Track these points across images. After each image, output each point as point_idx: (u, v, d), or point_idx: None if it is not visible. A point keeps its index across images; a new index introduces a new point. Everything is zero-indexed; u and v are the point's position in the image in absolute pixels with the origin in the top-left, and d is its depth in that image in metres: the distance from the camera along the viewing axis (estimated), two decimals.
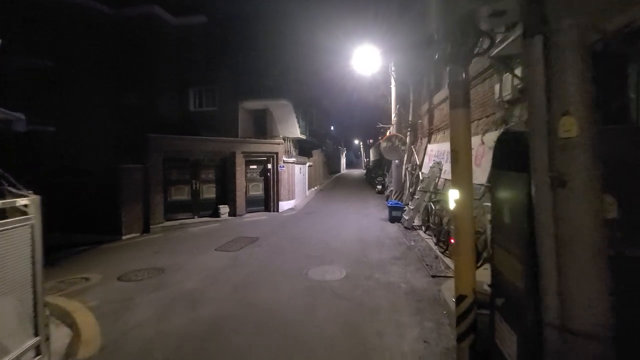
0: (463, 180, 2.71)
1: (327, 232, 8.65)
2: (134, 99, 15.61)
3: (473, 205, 2.82)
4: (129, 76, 15.24)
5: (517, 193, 1.93)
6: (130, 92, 15.56)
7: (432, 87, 10.82)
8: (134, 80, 15.42)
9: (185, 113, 15.80)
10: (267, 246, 7.32)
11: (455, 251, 2.74)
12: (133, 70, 15.30)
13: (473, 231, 2.74)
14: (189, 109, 15.90)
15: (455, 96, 2.75)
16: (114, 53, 14.55)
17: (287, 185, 12.97)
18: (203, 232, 9.45)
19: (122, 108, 15.40)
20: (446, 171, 8.07)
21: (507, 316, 2.01)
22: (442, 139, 9.49)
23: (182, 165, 10.98)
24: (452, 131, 2.78)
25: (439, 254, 6.22)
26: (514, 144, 2.20)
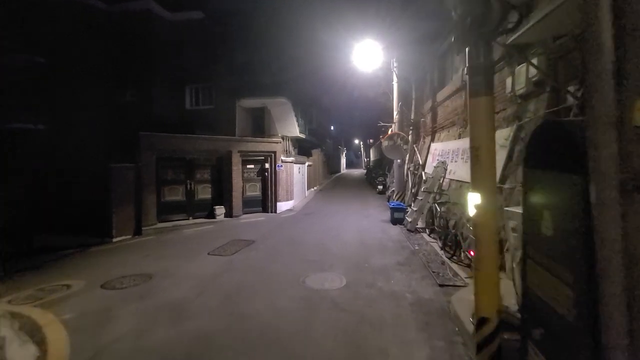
0: (485, 182, 2.32)
1: (327, 234, 8.26)
2: (128, 97, 15.24)
3: (497, 211, 2.41)
4: (123, 73, 14.85)
5: (566, 199, 1.54)
6: (124, 89, 15.18)
7: (436, 84, 10.43)
8: (128, 78, 15.04)
9: (182, 111, 15.43)
10: (263, 250, 6.93)
11: (476, 265, 2.35)
12: (128, 67, 14.91)
13: (497, 243, 2.35)
14: (185, 108, 15.54)
15: (476, 83, 2.35)
16: (108, 50, 14.17)
17: (286, 185, 12.59)
18: (197, 234, 9.07)
19: (116, 106, 15.02)
20: (452, 171, 7.68)
21: (548, 353, 1.62)
22: (446, 138, 9.11)
23: (176, 164, 10.59)
24: (473, 124, 2.39)
25: (445, 259, 5.83)
26: (558, 138, 1.79)
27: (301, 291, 4.59)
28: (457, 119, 8.08)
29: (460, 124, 7.76)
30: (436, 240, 7.00)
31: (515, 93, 5.10)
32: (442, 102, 9.55)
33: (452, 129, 8.64)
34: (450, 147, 8.34)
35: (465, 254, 5.32)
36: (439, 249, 6.54)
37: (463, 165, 6.93)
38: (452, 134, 8.57)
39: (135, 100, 15.20)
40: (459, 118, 8.00)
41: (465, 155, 6.91)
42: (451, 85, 8.75)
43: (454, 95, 8.44)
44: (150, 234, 9.45)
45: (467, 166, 6.66)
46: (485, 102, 2.34)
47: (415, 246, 6.87)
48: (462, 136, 7.68)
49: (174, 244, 8.06)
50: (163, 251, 7.36)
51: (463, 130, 7.66)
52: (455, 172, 7.37)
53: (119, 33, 13.91)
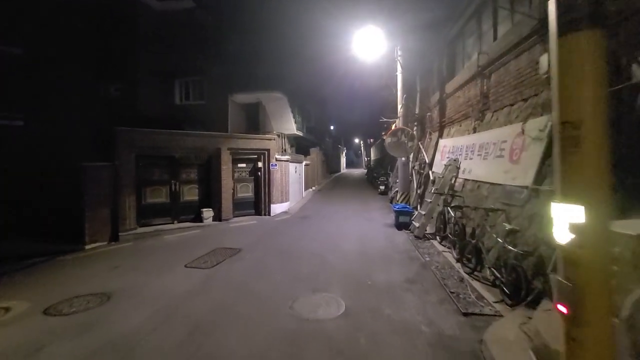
0: (590, 185, 1.34)
1: (324, 242, 7.31)
2: (113, 92, 14.31)
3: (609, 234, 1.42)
4: (107, 66, 13.93)
5: None
6: (109, 83, 14.24)
7: (444, 75, 9.48)
8: (112, 70, 14.11)
9: (171, 107, 14.51)
10: (249, 261, 5.98)
11: (574, 321, 1.38)
12: (112, 60, 13.99)
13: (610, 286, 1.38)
14: (174, 103, 14.62)
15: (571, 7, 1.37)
16: (91, 41, 13.23)
17: (280, 186, 11.64)
18: (180, 240, 8.12)
19: (100, 101, 14.08)
20: (465, 170, 6.73)
21: None
22: (457, 133, 8.15)
23: (159, 163, 9.64)
24: (561, 84, 1.41)
25: (464, 275, 4.88)
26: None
27: (288, 322, 3.63)
28: (472, 111, 7.12)
29: (475, 116, 6.81)
30: (450, 250, 6.04)
31: None
32: (453, 93, 8.59)
33: (465, 123, 7.68)
34: (462, 142, 7.39)
35: (491, 271, 4.36)
36: (453, 261, 5.59)
37: (481, 163, 5.98)
38: (465, 128, 7.62)
39: (121, 95, 14.29)
40: (473, 110, 7.04)
41: (484, 152, 5.96)
42: (463, 73, 7.80)
43: (468, 84, 7.49)
44: (128, 240, 8.50)
45: (485, 164, 5.71)
46: (589, 41, 1.35)
47: (425, 257, 5.91)
48: (478, 130, 6.73)
49: (151, 252, 7.11)
50: (136, 261, 6.41)
51: (479, 123, 6.70)
52: (470, 171, 6.41)
53: (103, 22, 12.97)
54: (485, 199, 5.44)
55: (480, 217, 5.42)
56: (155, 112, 13.51)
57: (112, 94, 14.25)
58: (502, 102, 5.79)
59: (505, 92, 5.67)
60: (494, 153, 5.53)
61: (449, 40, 8.99)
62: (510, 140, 5.04)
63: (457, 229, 5.81)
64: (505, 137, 5.25)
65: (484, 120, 6.51)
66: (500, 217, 4.71)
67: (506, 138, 5.22)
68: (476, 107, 6.87)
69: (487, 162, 5.69)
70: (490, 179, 5.41)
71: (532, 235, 3.87)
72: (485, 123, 6.43)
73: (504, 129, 5.43)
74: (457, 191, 6.77)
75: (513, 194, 4.56)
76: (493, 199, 5.16)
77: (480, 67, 6.59)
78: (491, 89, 6.26)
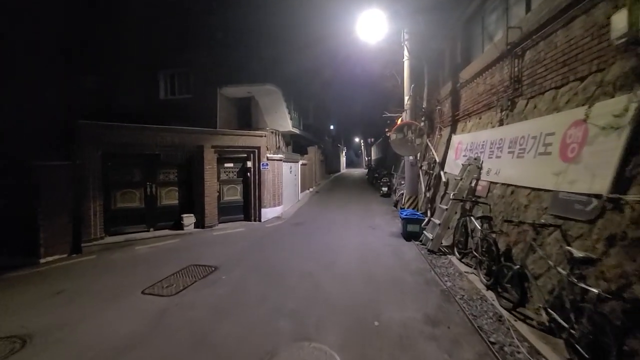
0: None
1: (318, 257, 6.09)
2: (89, 84, 13.11)
3: None
4: (81, 55, 12.72)
5: None
6: (84, 75, 13.04)
7: (459, 61, 8.26)
8: (88, 60, 12.91)
9: (154, 102, 13.31)
10: (222, 286, 4.76)
11: None
12: (89, 49, 12.78)
13: None
14: (158, 97, 13.41)
15: None
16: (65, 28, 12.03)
17: (272, 188, 10.43)
18: (151, 253, 6.92)
19: (74, 95, 12.87)
20: (490, 170, 5.52)
21: None
22: (476, 127, 6.94)
23: (132, 162, 8.42)
24: None
25: (501, 310, 3.66)
26: None
27: None
28: (497, 100, 5.90)
29: (502, 106, 5.59)
30: (476, 271, 4.82)
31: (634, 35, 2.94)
32: (469, 81, 7.37)
33: (487, 115, 6.47)
34: (484, 138, 6.17)
35: (546, 312, 3.14)
36: (481, 286, 4.39)
37: (514, 163, 4.77)
38: (487, 121, 6.41)
39: (98, 88, 13.10)
40: (499, 98, 5.83)
41: (517, 148, 4.75)
42: (484, 56, 6.59)
43: (490, 68, 6.27)
44: (92, 251, 7.31)
45: (521, 163, 4.49)
46: None
47: (445, 280, 4.70)
48: (506, 122, 5.51)
49: (112, 269, 5.91)
50: (88, 283, 5.21)
51: (508, 113, 5.49)
52: (498, 172, 5.20)
53: (77, 6, 11.77)
54: (524, 209, 4.22)
55: (518, 232, 4.20)
56: (137, 107, 12.32)
57: (89, 88, 13.07)
58: (542, 85, 4.58)
59: (547, 72, 4.45)
60: (534, 149, 4.31)
61: (465, 20, 7.77)
62: (560, 132, 3.83)
63: (486, 245, 4.60)
64: (552, 128, 4.03)
65: (514, 110, 5.30)
66: (551, 235, 3.50)
67: (553, 129, 4.00)
68: (503, 95, 5.65)
69: (524, 162, 4.48)
70: (531, 183, 4.19)
71: (616, 266, 2.66)
72: (516, 113, 5.22)
73: (547, 119, 4.22)
74: (481, 197, 5.55)
75: (572, 204, 3.34)
76: (538, 209, 3.95)
77: (509, 45, 5.38)
78: (525, 71, 5.04)
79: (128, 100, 12.70)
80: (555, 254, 3.39)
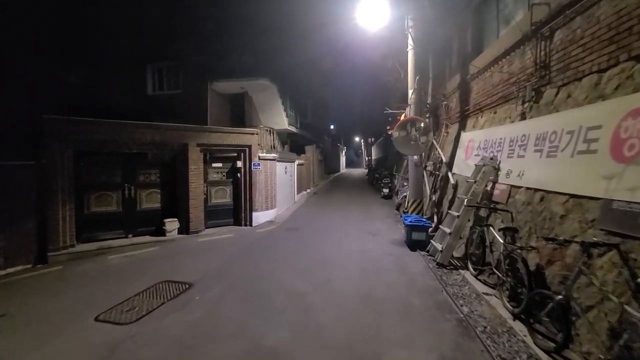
0: None
1: (311, 271, 5.31)
2: (74, 79, 12.34)
3: None
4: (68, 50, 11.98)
5: None
6: (69, 69, 12.27)
7: (469, 50, 7.48)
8: (74, 55, 12.15)
9: (142, 97, 12.55)
10: (193, 311, 3.98)
11: None
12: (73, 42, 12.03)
13: None
14: (146, 93, 12.65)
15: None
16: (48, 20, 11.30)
17: (265, 189, 9.64)
18: (124, 264, 6.14)
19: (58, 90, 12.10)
20: (511, 172, 4.74)
21: None
22: (490, 122, 6.16)
23: (108, 162, 7.64)
24: None
25: (538, 352, 2.88)
26: None
27: None
28: (516, 91, 5.12)
29: (526, 97, 4.79)
30: (498, 293, 4.03)
31: None
32: (481, 72, 6.59)
33: (503, 109, 5.69)
34: (500, 135, 5.39)
35: None
36: (505, 312, 3.61)
37: (542, 163, 3.99)
38: (503, 116, 5.62)
39: (83, 82, 12.33)
40: (520, 88, 5.04)
41: (547, 145, 3.97)
42: (500, 42, 5.80)
43: (508, 55, 5.49)
44: (60, 261, 6.54)
45: (553, 164, 3.69)
46: None
47: (460, 304, 3.91)
48: (530, 115, 4.74)
49: (73, 284, 5.13)
50: (41, 303, 4.43)
51: (532, 105, 4.70)
52: (522, 174, 4.41)
53: None
54: (560, 220, 3.44)
55: (553, 249, 3.42)
56: (124, 103, 11.55)
57: (74, 82, 12.29)
58: (578, 69, 3.79)
59: (585, 54, 3.66)
60: (571, 147, 3.53)
61: (477, 2, 6.98)
62: (610, 125, 3.04)
63: (510, 263, 3.81)
64: (596, 120, 3.25)
65: (540, 101, 4.51)
66: (604, 257, 2.72)
67: (598, 122, 3.22)
68: (525, 84, 4.86)
69: (558, 162, 3.70)
70: (569, 188, 3.41)
71: None
72: (543, 105, 4.43)
73: (589, 109, 3.44)
74: (500, 203, 4.77)
75: (635, 217, 2.56)
76: (580, 221, 3.16)
77: (534, 25, 4.59)
78: (555, 54, 4.26)
79: (113, 95, 11.92)
80: (613, 282, 2.61)
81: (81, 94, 11.83)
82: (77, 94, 11.76)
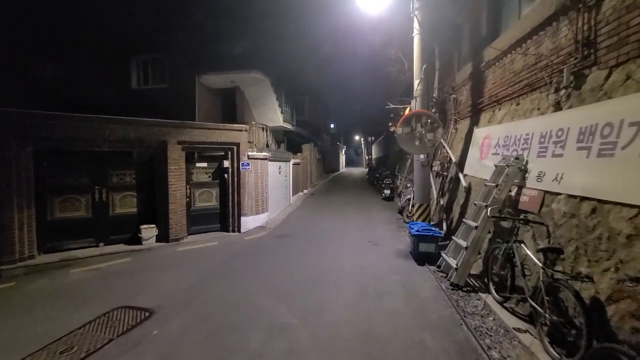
0: None
1: (300, 295, 4.45)
2: (51, 71, 11.48)
3: None
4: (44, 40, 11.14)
5: None
6: (45, 61, 11.41)
7: (484, 34, 6.60)
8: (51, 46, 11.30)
9: (126, 92, 11.69)
10: (144, 354, 3.12)
11: None
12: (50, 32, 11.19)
13: None
14: (130, 87, 11.78)
15: None
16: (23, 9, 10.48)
17: (255, 192, 8.78)
18: (84, 281, 5.29)
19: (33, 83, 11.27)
20: (544, 175, 3.87)
21: None
22: (512, 115, 5.29)
23: (75, 162, 6.78)
24: None
25: None
26: None
27: None
28: (549, 76, 4.24)
29: (567, 81, 3.90)
30: (538, 332, 3.16)
31: None
32: (501, 57, 5.70)
33: (530, 98, 4.81)
34: (527, 129, 4.52)
35: None
36: None
37: (594, 164, 3.11)
38: (530, 106, 4.75)
39: (61, 75, 11.46)
40: (552, 73, 4.16)
41: (599, 141, 3.10)
42: (525, 21, 4.92)
43: (537, 34, 4.60)
44: (16, 275, 5.70)
45: (609, 165, 2.80)
46: None
47: (487, 346, 3.04)
48: (566, 104, 3.86)
49: (17, 307, 4.29)
50: None
51: (571, 92, 3.82)
52: (561, 178, 3.53)
53: None
54: (627, 241, 2.56)
55: (617, 281, 2.54)
56: (106, 98, 10.69)
57: (51, 75, 11.43)
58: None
59: None
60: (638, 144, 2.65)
61: None
62: None
63: (551, 292, 2.94)
64: None
65: (583, 87, 3.64)
66: None
67: None
68: (560, 68, 3.98)
69: (616, 163, 2.82)
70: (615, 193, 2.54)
71: None
72: (587, 91, 3.56)
73: None
74: (530, 212, 3.90)
75: None
76: None
77: None
78: (604, 26, 3.38)
79: (95, 90, 11.04)
80: None
81: (59, 89, 10.98)
82: (53, 89, 10.92)
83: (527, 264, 3.57)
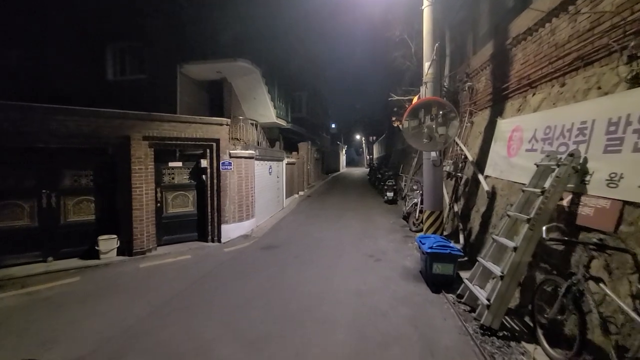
0: None
1: (275, 342, 3.29)
2: (15, 60, 10.36)
3: None
4: (5, 25, 10.02)
5: None
6: (8, 49, 10.30)
7: (510, 5, 5.42)
8: (14, 31, 10.18)
9: (102, 84, 10.54)
10: None
11: None
12: (9, 15, 10.07)
13: None
14: (105, 78, 10.64)
15: None
16: None
17: (239, 195, 7.61)
18: (9, 312, 4.13)
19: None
20: (622, 177, 2.67)
21: None
22: (555, 100, 4.10)
23: (15, 161, 5.65)
24: None
25: None
26: None
27: None
28: (619, 42, 3.06)
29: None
30: None
31: None
32: (535, 28, 4.52)
33: (585, 75, 3.62)
34: (582, 116, 3.35)
35: None
36: None
37: None
38: (584, 86, 3.56)
39: (27, 65, 10.34)
40: (626, 35, 2.99)
41: None
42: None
43: None
44: None
45: None
46: None
47: None
48: None
49: None
50: None
51: None
52: (627, 181, 2.35)
53: None
54: None
55: None
56: (79, 90, 9.57)
57: (14, 64, 10.30)
58: None
59: None
60: None
61: None
62: None
63: None
64: None
65: None
66: None
67: None
68: (638, 28, 2.81)
69: None
70: None
71: None
72: None
73: None
74: (601, 231, 2.72)
75: None
76: None
77: None
78: None
79: (66, 81, 9.93)
80: None
81: (24, 79, 9.87)
82: (17, 78, 9.80)
83: (606, 311, 2.39)
